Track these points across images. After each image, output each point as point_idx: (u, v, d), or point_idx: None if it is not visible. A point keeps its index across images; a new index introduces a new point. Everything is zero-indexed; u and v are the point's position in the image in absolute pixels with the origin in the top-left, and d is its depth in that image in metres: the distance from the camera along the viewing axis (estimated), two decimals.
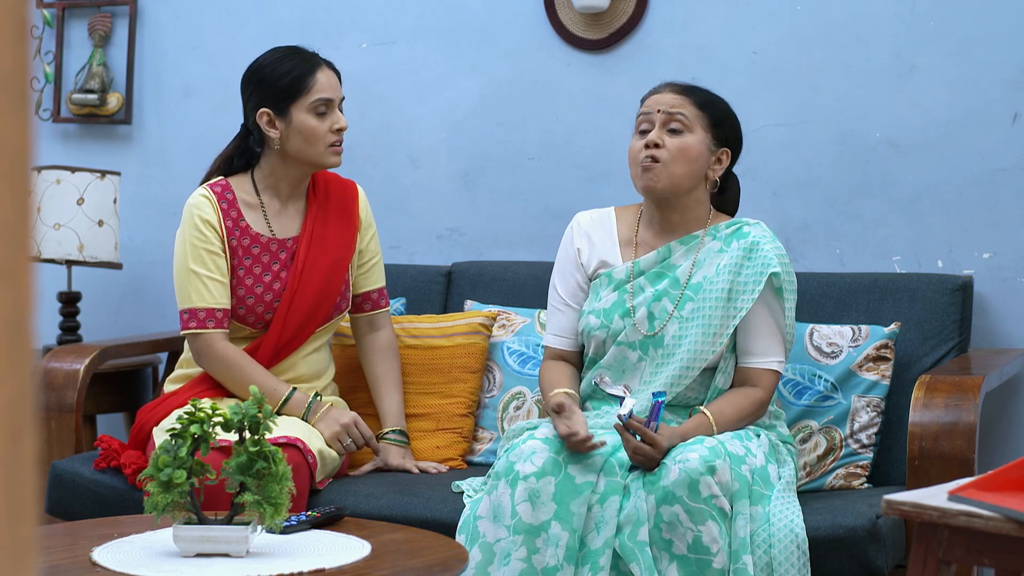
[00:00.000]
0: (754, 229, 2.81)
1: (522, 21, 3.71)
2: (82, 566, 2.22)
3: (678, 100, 2.82)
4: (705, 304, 2.76)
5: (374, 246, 3.21)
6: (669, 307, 2.80)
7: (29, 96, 0.65)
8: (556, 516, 2.52)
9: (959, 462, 2.63)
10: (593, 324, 2.85)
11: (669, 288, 2.82)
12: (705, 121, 2.82)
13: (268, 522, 2.25)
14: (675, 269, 2.83)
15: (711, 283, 2.77)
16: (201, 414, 2.25)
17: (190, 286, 3.02)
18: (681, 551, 2.51)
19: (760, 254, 2.76)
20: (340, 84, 3.10)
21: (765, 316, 2.77)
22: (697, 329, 2.76)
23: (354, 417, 3.01)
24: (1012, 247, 3.30)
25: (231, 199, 3.07)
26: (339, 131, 3.04)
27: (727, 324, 2.75)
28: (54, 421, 3.21)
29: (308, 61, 3.05)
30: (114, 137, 4.13)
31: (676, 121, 2.80)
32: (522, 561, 2.52)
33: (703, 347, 2.75)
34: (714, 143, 2.83)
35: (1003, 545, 1.83)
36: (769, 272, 2.74)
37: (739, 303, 2.75)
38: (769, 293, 2.77)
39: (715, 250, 2.82)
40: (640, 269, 2.86)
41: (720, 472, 2.51)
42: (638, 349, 2.81)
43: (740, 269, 2.76)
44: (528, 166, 3.72)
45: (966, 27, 3.33)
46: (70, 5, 4.14)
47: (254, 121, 3.05)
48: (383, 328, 3.21)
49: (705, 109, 2.82)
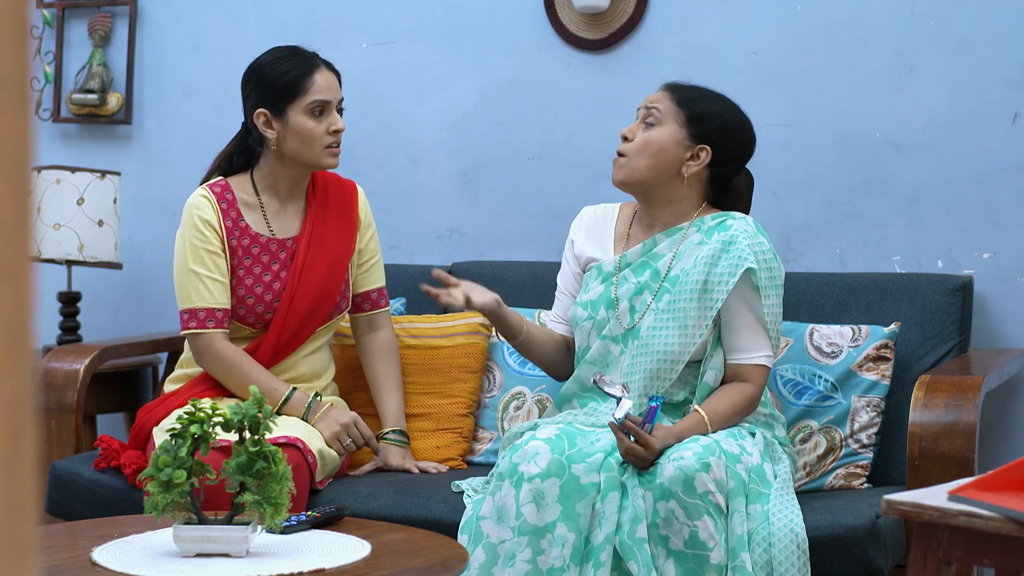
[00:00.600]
0: (737, 223, 2.80)
1: (522, 21, 3.71)
2: (82, 566, 2.22)
3: (659, 96, 2.88)
4: (680, 296, 2.77)
5: (373, 246, 3.21)
6: (648, 299, 2.82)
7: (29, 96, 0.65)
8: (562, 517, 2.53)
9: (959, 462, 2.63)
10: (580, 315, 2.88)
11: (650, 280, 2.84)
12: (681, 117, 2.83)
13: (268, 522, 2.25)
14: (658, 260, 2.85)
15: (687, 275, 2.78)
16: (201, 414, 2.25)
17: (190, 286, 3.02)
18: (678, 547, 2.52)
19: (736, 248, 2.75)
20: (340, 86, 3.09)
21: (745, 311, 2.77)
22: (672, 322, 2.76)
23: (354, 417, 3.01)
24: (1012, 247, 3.31)
25: (231, 199, 3.07)
26: (336, 133, 3.03)
27: (703, 317, 2.74)
28: (54, 421, 3.21)
29: (307, 62, 3.05)
30: (114, 137, 4.13)
31: (650, 116, 2.85)
32: (527, 562, 2.52)
33: (680, 340, 2.75)
34: (689, 139, 2.83)
35: (1003, 545, 1.83)
36: (744, 267, 2.73)
37: (714, 295, 2.75)
38: (747, 288, 2.76)
39: (696, 242, 2.82)
40: (627, 261, 2.88)
41: (715, 469, 2.52)
42: (620, 342, 2.83)
43: (716, 262, 2.76)
44: (528, 166, 3.72)
45: (966, 27, 3.33)
46: (70, 5, 4.14)
47: (253, 120, 3.06)
48: (383, 328, 3.21)
49: (683, 106, 2.84)
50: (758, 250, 2.76)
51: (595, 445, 2.64)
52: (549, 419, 2.83)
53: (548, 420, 2.82)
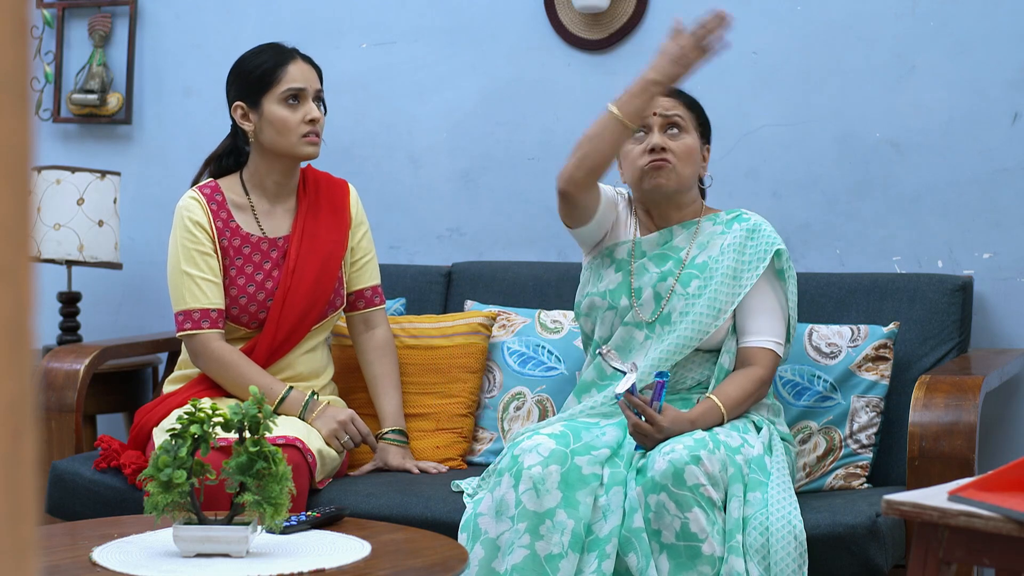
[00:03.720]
0: (753, 215, 2.92)
1: (522, 21, 3.71)
2: (82, 566, 2.22)
3: (671, 102, 2.89)
4: (711, 281, 2.83)
5: (366, 244, 3.21)
6: (672, 283, 2.86)
7: (29, 96, 0.65)
8: (562, 504, 2.53)
9: (959, 462, 2.63)
10: (599, 304, 2.90)
11: (673, 268, 2.88)
12: (695, 121, 2.92)
13: (268, 522, 2.25)
14: (678, 251, 2.90)
15: (716, 262, 2.85)
16: (201, 414, 2.25)
17: (184, 287, 3.02)
18: (670, 540, 2.53)
19: (763, 235, 2.85)
20: (318, 78, 3.10)
21: (765, 296, 2.84)
22: (703, 306, 2.81)
23: (351, 414, 3.01)
24: (1012, 247, 3.30)
25: (220, 200, 3.08)
26: (312, 122, 3.04)
27: (731, 301, 2.82)
28: (54, 421, 3.21)
29: (281, 54, 3.07)
30: (114, 137, 4.13)
31: (673, 124, 2.87)
32: (525, 548, 2.52)
33: (705, 322, 2.80)
34: (701, 140, 2.93)
35: (1003, 545, 1.83)
36: (775, 248, 2.83)
37: (743, 281, 2.82)
38: (771, 273, 2.85)
39: (717, 233, 2.89)
40: (642, 250, 2.90)
41: (706, 462, 2.52)
42: (644, 328, 2.85)
43: (743, 248, 2.85)
44: (528, 166, 3.72)
45: (966, 27, 3.33)
46: (70, 5, 4.14)
47: (231, 114, 3.08)
48: (379, 326, 3.21)
49: (693, 110, 2.93)
50: (777, 237, 2.87)
51: (600, 439, 2.65)
52: (554, 419, 2.84)
53: (553, 420, 2.83)
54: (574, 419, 2.77)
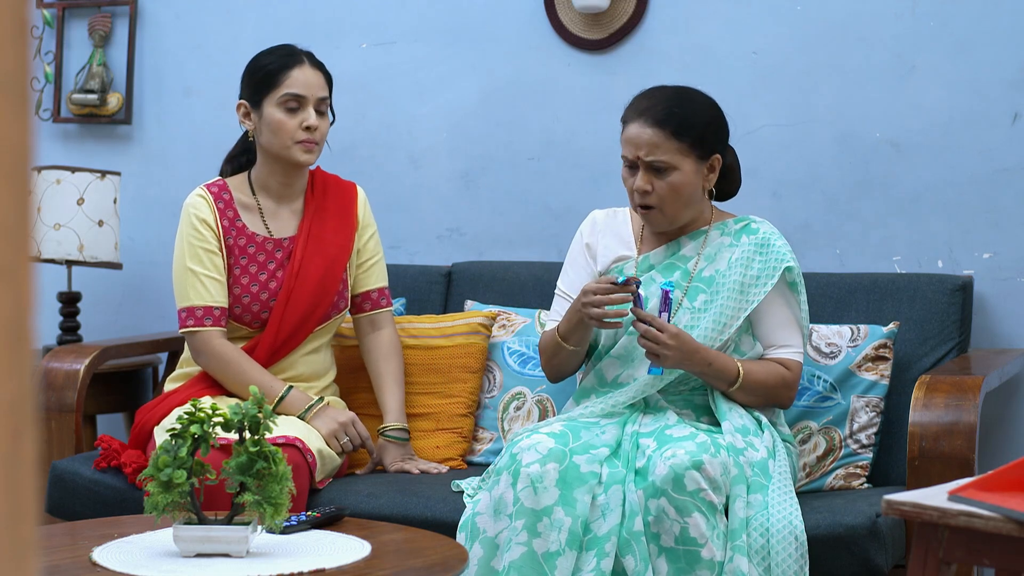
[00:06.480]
0: (762, 225, 2.88)
1: (522, 21, 3.71)
2: (82, 566, 2.22)
3: (655, 139, 2.77)
4: (718, 296, 2.82)
5: (373, 246, 3.21)
6: (680, 298, 2.85)
7: (29, 96, 0.65)
8: (560, 502, 2.53)
9: (959, 462, 2.63)
10: None
11: (680, 280, 2.87)
12: (686, 148, 2.78)
13: (268, 522, 2.25)
14: (686, 262, 2.88)
15: (723, 276, 2.83)
16: (201, 414, 2.25)
17: (188, 284, 3.03)
18: (669, 544, 2.53)
19: (773, 250, 2.82)
20: (326, 85, 3.08)
21: (785, 309, 2.84)
22: (709, 320, 2.80)
23: (352, 416, 3.02)
24: (1012, 247, 3.31)
25: (228, 199, 3.09)
26: (309, 130, 3.03)
27: (738, 316, 2.80)
28: (54, 421, 3.21)
29: (290, 56, 3.06)
30: (114, 137, 4.13)
31: (654, 169, 2.78)
32: (523, 545, 2.52)
33: (711, 336, 2.79)
34: (700, 161, 2.81)
35: (1003, 545, 1.83)
36: (784, 266, 2.80)
37: (751, 296, 2.81)
38: (784, 287, 2.83)
39: (725, 244, 2.87)
40: (649, 264, 2.89)
41: (708, 467, 2.52)
42: None
43: (751, 263, 2.82)
44: (528, 166, 3.72)
45: (966, 27, 3.33)
46: (70, 5, 4.14)
47: (236, 111, 3.10)
48: (385, 328, 3.21)
49: (683, 137, 2.78)
50: (788, 251, 2.84)
51: (600, 438, 2.65)
52: (554, 419, 2.84)
53: (552, 420, 2.83)
54: (574, 419, 2.77)
